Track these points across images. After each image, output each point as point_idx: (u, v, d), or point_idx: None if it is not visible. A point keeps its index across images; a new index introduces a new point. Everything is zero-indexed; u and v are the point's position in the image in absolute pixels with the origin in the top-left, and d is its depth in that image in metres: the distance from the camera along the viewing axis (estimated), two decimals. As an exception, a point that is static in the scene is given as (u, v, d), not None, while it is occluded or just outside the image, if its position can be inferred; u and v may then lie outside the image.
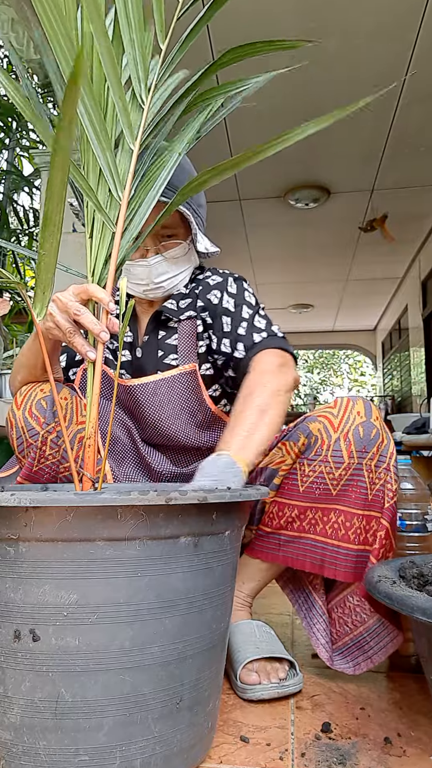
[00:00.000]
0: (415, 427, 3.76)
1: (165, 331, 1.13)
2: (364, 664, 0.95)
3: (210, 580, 0.66)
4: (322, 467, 0.95)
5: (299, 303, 6.88)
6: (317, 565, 0.97)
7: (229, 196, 4.07)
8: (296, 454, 0.99)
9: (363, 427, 0.95)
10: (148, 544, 0.60)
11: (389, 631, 0.95)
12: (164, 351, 1.12)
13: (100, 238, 0.78)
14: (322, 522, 0.97)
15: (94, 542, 0.59)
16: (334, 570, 0.95)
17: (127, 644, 0.59)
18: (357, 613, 0.98)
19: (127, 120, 0.76)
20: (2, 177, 3.37)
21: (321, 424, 0.97)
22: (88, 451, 0.73)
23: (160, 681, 0.61)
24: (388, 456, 0.96)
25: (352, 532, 0.94)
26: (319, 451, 0.96)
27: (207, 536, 0.65)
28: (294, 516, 0.99)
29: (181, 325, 1.12)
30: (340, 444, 0.94)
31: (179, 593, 0.62)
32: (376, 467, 0.95)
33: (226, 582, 0.70)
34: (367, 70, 2.78)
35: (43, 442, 0.99)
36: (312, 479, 0.97)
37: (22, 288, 0.70)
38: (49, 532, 0.58)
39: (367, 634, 0.97)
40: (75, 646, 0.58)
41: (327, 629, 1.01)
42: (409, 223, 4.51)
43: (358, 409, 0.96)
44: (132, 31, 0.75)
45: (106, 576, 0.59)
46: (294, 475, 0.99)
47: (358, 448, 0.94)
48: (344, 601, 1.01)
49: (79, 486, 0.75)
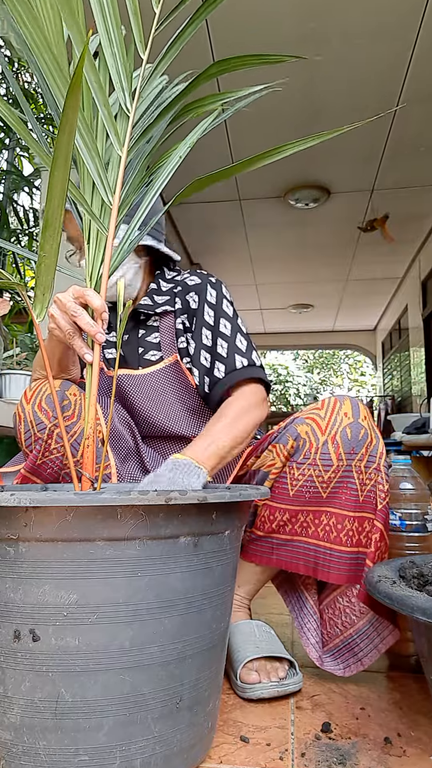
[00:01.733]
0: (415, 427, 3.76)
1: (144, 329, 1.14)
2: (354, 666, 0.95)
3: (210, 580, 0.66)
4: (311, 470, 0.95)
5: (299, 303, 6.87)
6: (310, 568, 0.97)
7: (229, 196, 4.07)
8: (285, 457, 0.99)
9: (351, 429, 0.94)
10: (147, 544, 0.60)
11: (379, 632, 0.95)
12: (144, 348, 1.13)
13: (96, 243, 0.78)
14: (313, 525, 0.97)
15: (94, 542, 0.59)
16: (327, 572, 0.95)
17: (127, 644, 0.59)
18: (347, 615, 0.99)
19: (113, 127, 0.77)
20: (2, 177, 3.37)
21: (309, 426, 0.97)
22: (87, 452, 0.73)
23: (159, 681, 0.61)
24: (378, 456, 0.96)
25: (344, 534, 0.94)
26: (307, 455, 0.96)
27: (207, 536, 0.65)
28: (285, 519, 0.99)
29: (161, 322, 1.13)
30: (329, 447, 0.94)
31: (179, 593, 0.62)
32: (365, 468, 0.94)
33: (226, 582, 0.70)
34: (367, 71, 2.78)
35: (49, 435, 1.00)
36: (302, 483, 0.96)
37: (21, 288, 0.70)
38: (49, 532, 0.58)
39: (357, 636, 0.97)
40: (75, 646, 0.58)
41: (318, 629, 1.01)
42: (409, 223, 4.51)
43: (345, 409, 0.96)
44: (113, 45, 0.76)
45: (106, 576, 0.59)
46: (284, 479, 0.99)
47: (347, 450, 0.94)
48: (334, 602, 1.01)
49: (78, 485, 0.75)
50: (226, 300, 1.12)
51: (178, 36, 0.76)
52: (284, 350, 12.74)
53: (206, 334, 1.08)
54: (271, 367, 14.23)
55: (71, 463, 0.75)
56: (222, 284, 1.15)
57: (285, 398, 14.51)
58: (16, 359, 2.19)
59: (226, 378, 1.04)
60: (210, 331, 1.08)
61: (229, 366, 1.05)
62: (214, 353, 1.07)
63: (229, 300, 1.13)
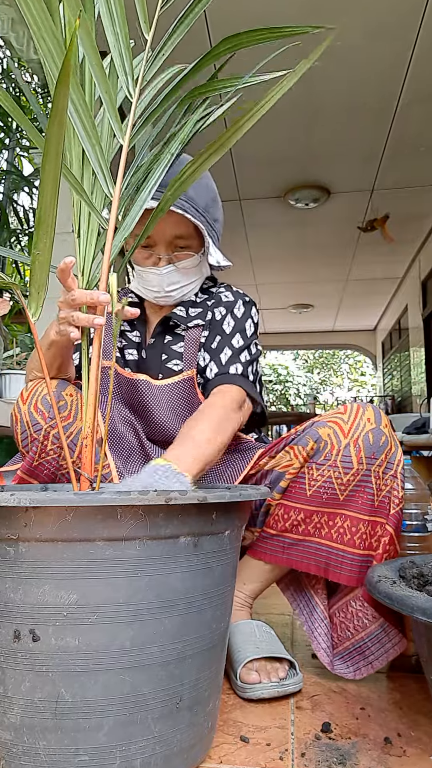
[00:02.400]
0: (415, 427, 3.76)
1: (172, 337, 1.15)
2: (364, 669, 0.95)
3: (210, 580, 0.66)
4: (331, 472, 0.96)
5: (299, 303, 6.88)
6: (322, 568, 0.97)
7: (229, 196, 4.07)
8: (304, 458, 0.99)
9: (373, 434, 0.95)
10: (147, 543, 0.60)
11: (391, 637, 0.95)
12: (168, 355, 1.14)
13: (87, 237, 0.77)
14: (327, 526, 0.97)
15: (93, 542, 0.59)
16: (339, 573, 0.95)
17: (128, 644, 0.59)
18: (359, 618, 0.98)
19: (114, 114, 0.75)
20: (2, 177, 3.37)
21: (331, 429, 0.97)
22: (85, 451, 0.73)
23: (159, 681, 0.61)
24: (396, 463, 0.97)
25: (357, 537, 0.95)
26: (328, 456, 0.96)
27: (207, 536, 0.65)
28: (300, 519, 0.99)
29: (188, 333, 1.15)
30: (350, 450, 0.95)
31: (179, 593, 0.62)
32: (383, 474, 0.95)
33: (226, 582, 0.70)
34: (367, 71, 2.78)
35: (45, 436, 1.00)
36: (320, 483, 0.97)
37: (17, 288, 0.69)
38: (49, 532, 0.58)
39: (368, 639, 0.97)
40: (75, 646, 0.58)
41: (328, 633, 1.01)
42: (409, 223, 4.51)
43: (369, 415, 0.97)
44: (115, 25, 0.74)
45: (107, 576, 0.59)
46: (302, 479, 0.99)
47: (368, 454, 0.94)
48: (347, 606, 1.01)
49: (77, 485, 0.75)
50: (251, 320, 1.15)
51: (184, 16, 0.74)
52: (284, 350, 12.74)
53: (217, 339, 1.11)
54: (271, 367, 14.23)
55: (70, 463, 0.75)
56: (253, 305, 1.18)
57: (285, 398, 14.51)
58: (16, 359, 2.20)
59: (214, 379, 1.07)
60: (221, 336, 1.11)
61: (222, 370, 1.08)
62: (216, 358, 1.09)
63: (255, 322, 1.16)
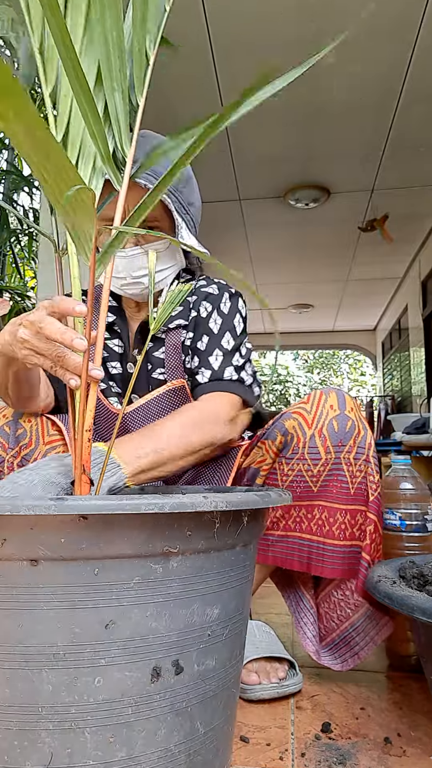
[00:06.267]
0: (415, 427, 3.76)
1: (152, 342, 1.06)
2: (351, 660, 0.96)
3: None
4: (301, 465, 0.95)
5: (299, 303, 6.87)
6: (304, 564, 0.96)
7: (229, 196, 4.07)
8: (275, 452, 0.98)
9: (337, 421, 0.93)
10: (249, 547, 0.58)
11: (374, 625, 0.95)
12: (153, 364, 1.06)
13: None
14: (306, 519, 0.96)
15: (233, 548, 0.54)
16: (321, 567, 0.95)
17: (237, 653, 0.54)
18: (342, 608, 0.98)
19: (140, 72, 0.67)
20: (2, 177, 3.37)
21: (296, 421, 0.96)
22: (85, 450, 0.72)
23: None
24: (366, 447, 0.94)
25: (336, 528, 0.94)
26: (296, 450, 0.95)
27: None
28: (279, 516, 0.99)
29: (168, 336, 1.06)
30: (316, 440, 0.93)
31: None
32: (355, 460, 0.94)
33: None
34: (367, 71, 2.78)
35: (9, 467, 0.99)
36: (291, 478, 0.96)
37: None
38: (209, 541, 0.51)
39: (352, 630, 0.97)
40: (212, 668, 0.52)
41: (314, 623, 1.01)
42: (409, 223, 4.51)
43: (331, 402, 0.95)
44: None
45: (239, 583, 0.54)
46: (274, 475, 0.98)
47: (334, 442, 0.93)
48: (329, 595, 1.02)
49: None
50: (239, 315, 1.07)
51: None
52: (284, 350, 12.74)
53: (204, 340, 1.03)
54: (272, 367, 14.24)
55: (77, 463, 0.74)
56: (240, 297, 1.10)
57: (285, 398, 14.52)
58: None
59: (206, 385, 1.00)
60: (209, 337, 1.03)
61: (215, 375, 1.00)
62: (206, 363, 1.01)
63: (243, 316, 1.08)
